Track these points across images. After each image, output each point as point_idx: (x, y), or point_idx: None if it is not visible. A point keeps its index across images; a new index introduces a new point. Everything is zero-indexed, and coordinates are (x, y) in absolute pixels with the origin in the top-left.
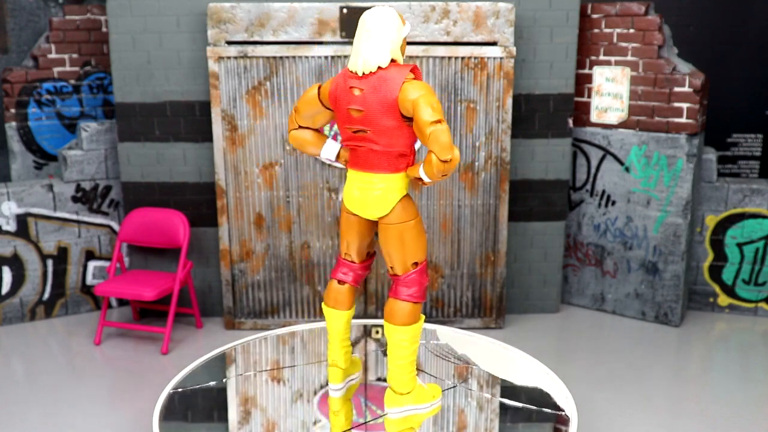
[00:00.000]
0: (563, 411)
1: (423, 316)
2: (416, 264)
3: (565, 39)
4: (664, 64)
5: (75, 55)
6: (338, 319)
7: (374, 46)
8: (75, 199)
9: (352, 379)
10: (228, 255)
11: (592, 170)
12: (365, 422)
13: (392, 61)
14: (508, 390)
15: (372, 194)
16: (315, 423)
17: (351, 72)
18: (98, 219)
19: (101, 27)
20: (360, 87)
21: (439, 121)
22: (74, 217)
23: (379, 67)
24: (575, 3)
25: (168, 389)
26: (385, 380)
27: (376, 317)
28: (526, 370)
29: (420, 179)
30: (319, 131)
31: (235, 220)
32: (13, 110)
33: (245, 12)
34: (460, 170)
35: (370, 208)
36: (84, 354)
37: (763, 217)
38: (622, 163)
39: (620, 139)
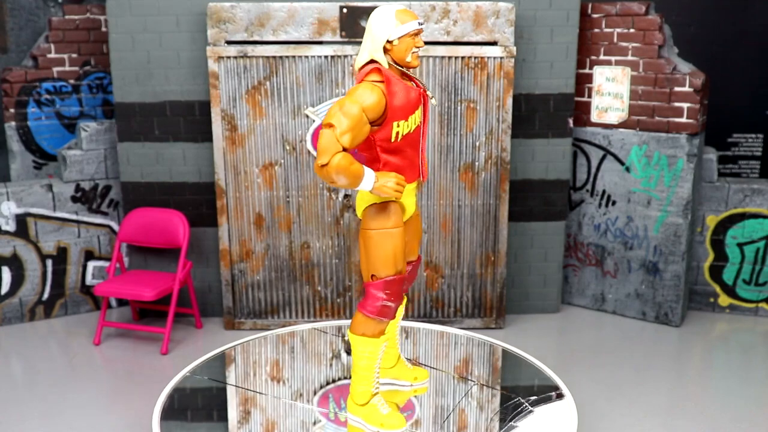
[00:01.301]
0: (563, 411)
1: (384, 337)
2: (374, 277)
3: (565, 39)
4: (664, 64)
5: (74, 55)
6: None
7: (361, 47)
8: (74, 199)
9: (403, 385)
10: (228, 255)
11: (593, 170)
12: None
13: (371, 61)
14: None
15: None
16: (315, 423)
17: None
18: (98, 219)
19: (101, 27)
20: None
21: (330, 125)
22: (74, 217)
23: (358, 69)
24: (575, 3)
25: (168, 389)
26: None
27: None
28: (527, 370)
29: None
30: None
31: (235, 220)
32: (12, 110)
33: (245, 12)
34: (460, 170)
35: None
36: (83, 354)
37: (764, 217)
38: (622, 163)
39: (620, 139)
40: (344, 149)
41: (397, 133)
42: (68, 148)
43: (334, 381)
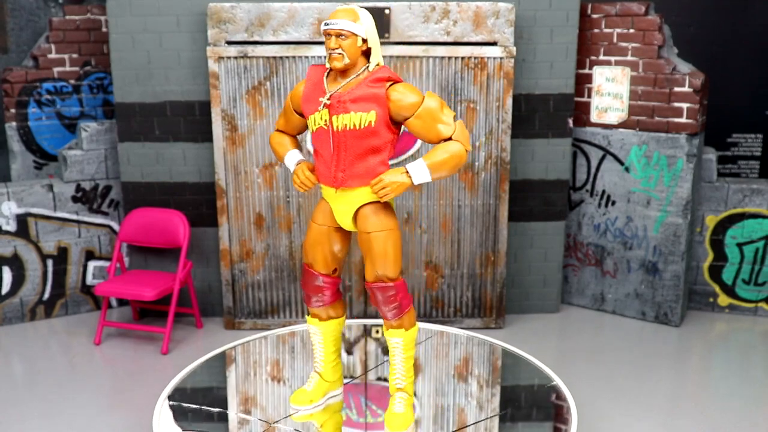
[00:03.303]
0: (563, 411)
1: (312, 320)
2: None
3: (565, 39)
4: (664, 64)
5: (75, 55)
6: None
7: None
8: (75, 199)
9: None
10: (228, 255)
11: (592, 170)
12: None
13: None
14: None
15: None
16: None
17: None
18: (98, 219)
19: (101, 27)
20: None
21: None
22: (74, 217)
23: None
24: (575, 3)
25: (168, 389)
26: (383, 380)
27: (376, 317)
28: (527, 370)
29: None
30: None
31: (235, 220)
32: (13, 110)
33: (245, 12)
34: (460, 170)
35: None
36: (84, 354)
37: (763, 217)
38: (622, 163)
39: (620, 139)
40: (277, 130)
41: (310, 128)
42: (69, 148)
43: None
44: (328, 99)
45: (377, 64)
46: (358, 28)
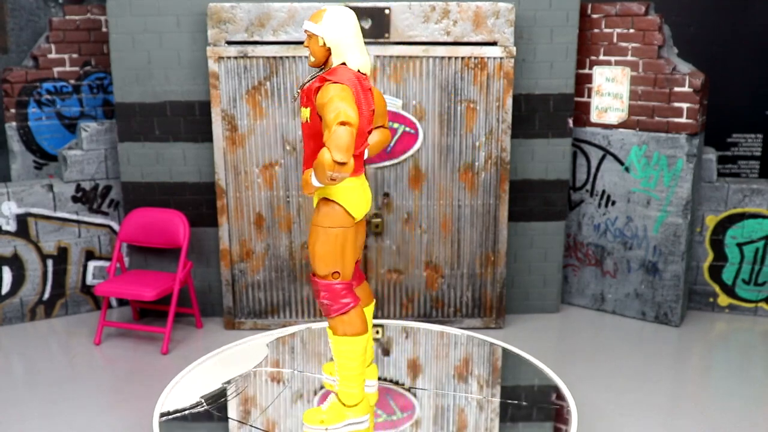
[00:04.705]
0: (563, 411)
1: None
2: None
3: (565, 39)
4: (664, 64)
5: (75, 55)
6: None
7: None
8: (75, 199)
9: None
10: (228, 255)
11: (592, 170)
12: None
13: None
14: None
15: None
16: None
17: (363, 74)
18: (98, 219)
19: (101, 27)
20: (370, 87)
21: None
22: (74, 217)
23: None
24: (575, 3)
25: (168, 389)
26: (385, 380)
27: (375, 317)
28: (527, 370)
29: None
30: None
31: (235, 220)
32: (13, 110)
33: (245, 12)
34: (460, 170)
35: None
36: (84, 354)
37: (763, 217)
38: (622, 163)
39: (620, 139)
40: None
41: None
42: (69, 148)
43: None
44: (297, 92)
45: (342, 64)
46: (317, 28)
